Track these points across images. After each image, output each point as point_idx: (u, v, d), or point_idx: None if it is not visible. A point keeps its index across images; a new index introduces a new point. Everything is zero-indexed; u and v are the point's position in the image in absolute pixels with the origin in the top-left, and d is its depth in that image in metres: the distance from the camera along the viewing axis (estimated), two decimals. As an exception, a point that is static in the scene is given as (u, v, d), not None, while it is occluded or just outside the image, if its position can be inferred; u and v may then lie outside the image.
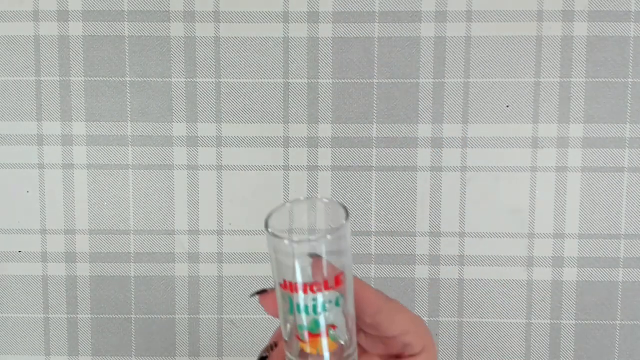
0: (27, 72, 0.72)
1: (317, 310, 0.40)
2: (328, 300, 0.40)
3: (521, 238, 0.72)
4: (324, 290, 0.39)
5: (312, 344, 0.41)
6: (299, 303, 0.40)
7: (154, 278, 0.74)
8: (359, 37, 0.71)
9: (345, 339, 0.41)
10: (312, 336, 0.40)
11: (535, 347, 0.73)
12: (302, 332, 0.41)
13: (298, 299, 0.40)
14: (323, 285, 0.39)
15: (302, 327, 0.40)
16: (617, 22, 0.69)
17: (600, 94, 0.70)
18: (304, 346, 0.41)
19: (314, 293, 0.39)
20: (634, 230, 0.72)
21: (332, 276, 0.40)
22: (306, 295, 0.39)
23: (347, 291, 0.41)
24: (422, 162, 0.72)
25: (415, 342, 0.44)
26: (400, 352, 0.45)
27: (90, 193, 0.73)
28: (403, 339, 0.44)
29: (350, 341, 0.42)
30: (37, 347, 0.75)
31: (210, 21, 0.71)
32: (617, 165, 0.71)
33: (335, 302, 0.40)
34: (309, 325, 0.40)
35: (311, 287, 0.39)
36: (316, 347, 0.41)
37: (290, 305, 0.40)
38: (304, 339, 0.41)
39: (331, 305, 0.40)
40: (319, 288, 0.39)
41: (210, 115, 0.72)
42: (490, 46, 0.70)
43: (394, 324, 0.43)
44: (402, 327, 0.43)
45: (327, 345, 0.40)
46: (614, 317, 0.73)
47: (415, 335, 0.44)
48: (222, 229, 0.73)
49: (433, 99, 0.71)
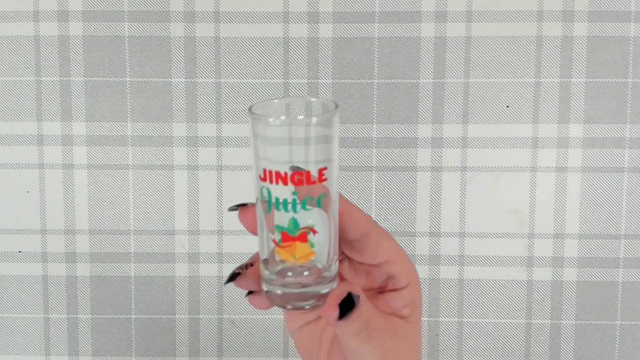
0: (27, 72, 0.72)
1: (296, 206, 0.37)
2: (309, 198, 0.37)
3: (521, 238, 0.72)
4: (306, 184, 0.37)
5: (288, 249, 0.38)
6: (277, 197, 0.37)
7: (154, 278, 0.74)
8: (359, 37, 0.71)
9: (324, 264, 0.39)
10: (288, 239, 0.38)
11: (535, 347, 0.73)
12: (278, 234, 0.38)
13: (278, 191, 0.37)
14: (305, 176, 0.37)
15: (279, 228, 0.38)
16: (617, 22, 0.69)
17: (600, 94, 0.70)
18: (280, 252, 0.38)
19: (295, 184, 0.37)
20: (634, 230, 0.72)
21: (315, 168, 0.37)
22: (286, 187, 0.37)
23: (331, 189, 0.38)
24: (422, 162, 0.72)
25: (400, 275, 0.41)
26: (383, 285, 0.43)
27: (90, 193, 0.73)
28: (388, 268, 0.41)
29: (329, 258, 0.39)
30: (37, 347, 0.75)
31: (210, 21, 0.71)
32: (617, 165, 0.71)
33: (317, 201, 0.37)
34: (287, 225, 0.38)
35: (292, 177, 0.36)
36: (292, 253, 0.38)
37: (269, 201, 0.37)
38: (279, 242, 0.38)
39: (312, 203, 0.37)
40: (301, 180, 0.36)
41: (210, 115, 0.72)
42: (490, 46, 0.70)
43: (380, 249, 0.41)
44: (388, 254, 0.41)
45: (304, 251, 0.38)
46: (614, 317, 0.73)
47: (400, 268, 0.42)
48: (222, 229, 0.73)
49: (433, 99, 0.71)
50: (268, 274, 0.39)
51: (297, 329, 0.45)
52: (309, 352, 0.44)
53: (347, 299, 0.38)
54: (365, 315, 0.39)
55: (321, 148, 0.37)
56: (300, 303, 0.39)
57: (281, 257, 0.38)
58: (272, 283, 0.39)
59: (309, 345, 0.44)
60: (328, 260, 0.39)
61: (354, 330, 0.39)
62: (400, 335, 0.41)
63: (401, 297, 0.42)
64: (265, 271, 0.40)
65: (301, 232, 0.38)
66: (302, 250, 0.38)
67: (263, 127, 0.37)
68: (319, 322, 0.44)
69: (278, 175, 0.37)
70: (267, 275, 0.40)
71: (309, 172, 0.37)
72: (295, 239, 0.38)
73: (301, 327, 0.44)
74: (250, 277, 0.41)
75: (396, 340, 0.41)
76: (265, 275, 0.40)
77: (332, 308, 0.38)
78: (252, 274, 0.41)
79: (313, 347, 0.44)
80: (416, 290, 0.43)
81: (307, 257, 0.38)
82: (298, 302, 0.39)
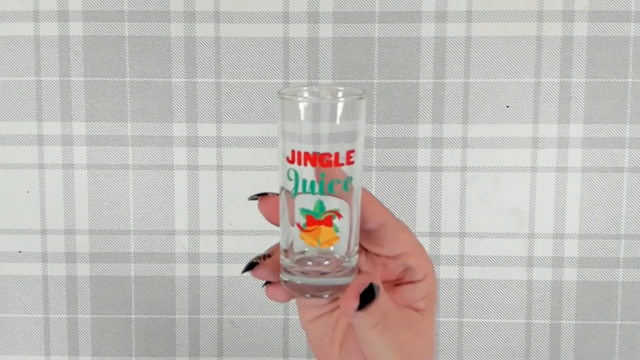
0: (27, 72, 0.72)
1: (323, 188, 0.37)
2: (336, 180, 0.37)
3: (521, 238, 0.72)
4: (334, 165, 0.37)
5: (313, 233, 0.38)
6: (305, 179, 0.37)
7: (154, 278, 0.74)
8: (359, 37, 0.71)
9: (343, 254, 0.39)
10: (313, 223, 0.38)
11: (535, 347, 0.73)
12: (303, 217, 0.38)
13: (306, 173, 0.37)
14: (334, 158, 0.37)
15: (305, 211, 0.38)
16: (617, 22, 0.69)
17: (600, 94, 0.70)
18: (304, 236, 0.38)
19: (323, 167, 0.37)
20: (634, 230, 0.72)
21: (344, 151, 0.37)
22: (315, 169, 0.37)
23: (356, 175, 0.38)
24: (422, 162, 0.72)
25: (417, 267, 0.41)
26: (400, 278, 0.42)
27: (90, 193, 0.73)
28: (405, 260, 0.41)
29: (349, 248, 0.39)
30: (37, 347, 0.75)
31: (210, 21, 0.71)
32: (617, 165, 0.71)
33: (344, 184, 0.37)
34: (313, 208, 0.37)
35: (320, 158, 0.36)
36: (317, 237, 0.38)
37: (296, 183, 0.37)
38: (304, 227, 0.38)
39: (339, 186, 0.37)
40: (329, 162, 0.36)
41: (210, 115, 0.72)
42: (490, 46, 0.70)
43: (398, 241, 0.41)
44: (405, 245, 0.41)
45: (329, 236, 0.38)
46: (614, 317, 0.73)
47: (417, 260, 0.41)
48: (222, 229, 0.73)
49: (433, 99, 0.71)
50: (288, 262, 0.39)
51: (310, 321, 0.44)
52: (320, 345, 0.44)
53: (368, 290, 0.38)
54: (383, 307, 0.39)
55: (347, 133, 0.37)
56: (319, 292, 0.39)
57: (305, 241, 0.38)
58: (292, 271, 0.39)
59: (322, 338, 0.44)
60: (348, 250, 0.39)
61: (372, 321, 0.38)
62: (415, 329, 0.41)
63: (417, 290, 0.42)
64: (286, 260, 0.40)
65: (327, 215, 0.38)
66: (327, 234, 0.38)
67: (291, 109, 0.37)
68: (332, 314, 0.44)
69: (307, 156, 0.37)
70: (287, 263, 0.40)
71: (338, 153, 0.37)
72: (321, 222, 0.38)
73: (314, 320, 0.44)
74: (268, 267, 0.40)
75: (411, 334, 0.41)
76: (285, 263, 0.40)
77: (352, 298, 0.37)
78: (270, 265, 0.40)
79: (325, 340, 0.44)
80: (432, 283, 0.42)
81: (331, 242, 0.38)
82: (317, 292, 0.39)
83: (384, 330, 0.39)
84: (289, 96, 0.37)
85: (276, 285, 0.41)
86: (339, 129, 0.37)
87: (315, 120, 0.37)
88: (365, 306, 0.37)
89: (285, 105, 0.38)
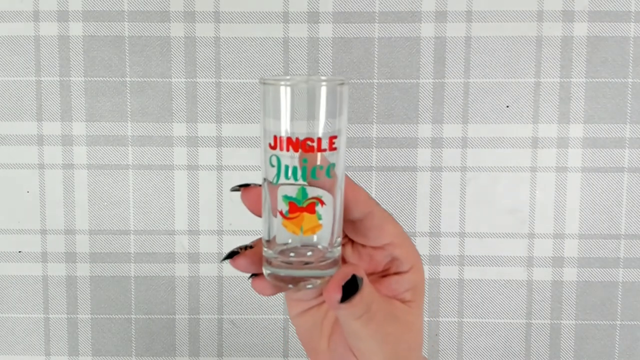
0: (27, 72, 0.72)
1: (305, 173, 0.36)
2: (319, 166, 0.37)
3: (521, 238, 0.72)
4: (316, 151, 0.36)
5: (295, 221, 0.37)
6: (287, 165, 0.37)
7: (154, 278, 0.74)
8: (359, 37, 0.71)
9: (326, 245, 0.38)
10: (296, 209, 0.37)
11: (535, 347, 0.73)
12: (285, 205, 0.37)
13: (288, 159, 0.36)
14: (317, 143, 0.36)
15: (287, 198, 0.37)
16: (617, 22, 0.69)
17: (600, 94, 0.70)
18: (287, 224, 0.37)
19: (305, 152, 0.36)
20: (634, 230, 0.72)
21: (327, 136, 0.37)
22: (296, 155, 0.36)
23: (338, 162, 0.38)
24: (422, 162, 0.72)
25: (403, 258, 0.41)
26: (386, 268, 0.42)
27: (90, 193, 0.73)
28: (391, 251, 0.41)
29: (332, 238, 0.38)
30: (37, 347, 0.75)
31: (210, 21, 0.71)
32: (617, 165, 0.71)
33: (327, 170, 0.37)
34: (295, 194, 0.37)
35: (303, 143, 0.36)
36: (299, 225, 0.37)
37: (278, 170, 0.37)
38: (286, 214, 0.37)
39: (322, 172, 0.37)
40: (312, 147, 0.36)
41: (210, 115, 0.72)
42: (490, 46, 0.70)
43: (384, 231, 0.41)
44: (391, 236, 0.41)
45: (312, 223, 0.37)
46: (614, 317, 0.73)
47: (404, 251, 0.41)
48: (222, 229, 0.73)
49: (433, 99, 0.71)
50: (271, 253, 0.39)
51: (298, 315, 0.44)
52: (309, 338, 0.44)
53: (350, 281, 0.37)
54: (368, 298, 0.38)
55: (330, 119, 0.37)
56: (302, 283, 0.39)
57: (288, 229, 0.38)
58: (274, 263, 0.39)
59: (310, 331, 0.44)
60: (331, 241, 0.39)
61: (356, 313, 0.38)
62: (401, 320, 0.41)
63: (404, 281, 0.42)
64: (269, 251, 0.39)
65: (309, 202, 0.37)
66: (310, 221, 0.38)
67: (274, 94, 0.37)
68: (320, 307, 0.44)
69: (289, 141, 0.36)
70: (269, 254, 0.39)
71: (320, 138, 0.36)
72: (303, 209, 0.37)
73: (302, 313, 0.44)
74: (248, 258, 0.40)
75: (397, 325, 0.41)
76: (267, 255, 0.39)
77: (335, 290, 0.37)
78: (250, 255, 0.40)
79: (314, 333, 0.44)
80: (419, 275, 0.42)
81: (314, 229, 0.38)
82: (299, 282, 0.39)
83: (368, 322, 0.39)
84: (271, 81, 0.37)
85: (262, 277, 0.40)
86: (321, 114, 0.37)
87: (297, 106, 0.37)
88: (348, 298, 0.37)
89: (267, 91, 0.37)
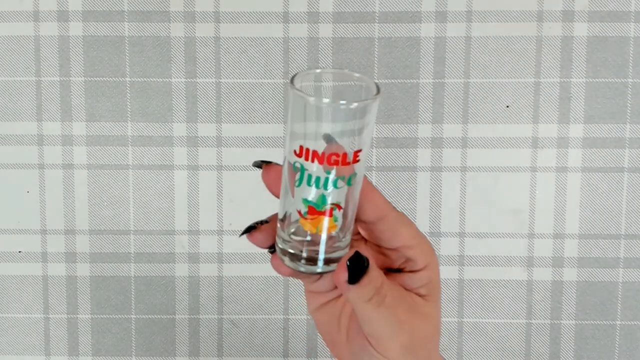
0: (27, 72, 0.72)
1: (327, 184, 0.37)
2: (341, 177, 0.37)
3: (521, 238, 0.72)
4: (341, 165, 0.37)
5: (313, 222, 0.39)
6: (311, 174, 0.37)
7: (154, 278, 0.74)
8: (359, 37, 0.71)
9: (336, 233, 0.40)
10: (314, 213, 0.38)
11: (535, 347, 0.73)
12: (304, 207, 0.38)
13: (312, 168, 0.37)
14: (342, 158, 0.37)
15: (307, 202, 0.38)
16: (617, 22, 0.69)
17: (600, 94, 0.70)
18: (304, 223, 0.39)
19: (330, 165, 0.37)
20: (634, 230, 0.72)
21: (352, 151, 0.37)
22: (321, 166, 0.37)
23: (360, 171, 0.38)
24: (422, 162, 0.72)
25: (418, 258, 0.41)
26: (401, 266, 0.43)
27: (90, 193, 0.73)
28: (405, 252, 0.41)
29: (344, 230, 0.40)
30: (37, 347, 0.75)
31: (210, 21, 0.71)
32: (617, 165, 0.71)
33: (348, 180, 0.38)
34: (315, 200, 0.38)
35: (329, 158, 0.37)
36: (316, 226, 0.39)
37: (301, 176, 0.38)
38: (305, 215, 0.38)
39: (343, 182, 0.38)
40: (337, 161, 0.37)
41: (210, 115, 0.72)
42: (490, 46, 0.70)
43: (398, 235, 0.41)
44: (405, 239, 0.41)
45: (328, 225, 0.39)
46: (614, 317, 0.73)
47: (418, 251, 0.41)
48: (222, 229, 0.73)
49: (433, 99, 0.71)
50: (283, 233, 0.40)
51: (316, 309, 0.45)
52: (328, 332, 0.45)
53: (356, 259, 0.38)
54: (376, 280, 0.39)
55: (357, 132, 0.38)
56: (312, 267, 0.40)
57: (305, 228, 0.39)
58: (287, 244, 0.40)
59: (329, 325, 0.45)
60: (343, 231, 0.40)
61: (366, 295, 0.39)
62: (417, 311, 0.41)
63: (418, 278, 0.42)
64: (281, 232, 0.40)
65: (328, 207, 0.38)
66: (326, 223, 0.39)
67: (303, 104, 0.37)
68: (338, 301, 0.44)
69: (315, 154, 0.37)
70: (282, 235, 0.40)
71: (346, 153, 0.37)
72: (322, 213, 0.38)
73: (320, 307, 0.45)
74: (265, 232, 0.41)
75: (413, 315, 0.41)
76: (280, 234, 0.40)
77: (342, 270, 0.38)
78: (267, 229, 0.41)
79: (332, 326, 0.44)
80: (434, 272, 0.42)
81: (329, 229, 0.39)
82: (309, 266, 0.40)
83: (379, 304, 0.39)
84: (300, 93, 0.37)
85: None
86: (348, 128, 0.37)
87: (324, 120, 0.37)
88: (357, 280, 0.38)
89: (295, 98, 0.37)
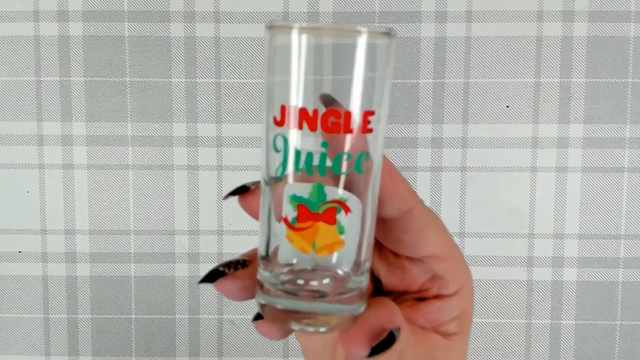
0: (27, 72, 0.72)
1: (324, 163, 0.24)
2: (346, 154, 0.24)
3: (521, 238, 0.72)
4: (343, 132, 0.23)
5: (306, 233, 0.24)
6: (298, 149, 0.24)
7: (154, 278, 0.74)
8: (359, 37, 0.71)
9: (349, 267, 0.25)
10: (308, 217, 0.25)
11: (535, 347, 0.73)
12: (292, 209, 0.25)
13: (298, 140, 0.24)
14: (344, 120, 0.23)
15: (296, 199, 0.25)
16: (617, 22, 0.69)
17: (600, 94, 0.70)
18: (292, 237, 0.25)
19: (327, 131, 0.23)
20: (634, 230, 0.72)
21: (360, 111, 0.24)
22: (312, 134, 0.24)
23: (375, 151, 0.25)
24: (422, 162, 0.72)
25: (449, 277, 0.30)
26: (425, 288, 0.31)
27: (90, 193, 0.73)
28: (433, 265, 0.30)
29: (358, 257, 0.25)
30: (37, 347, 0.75)
31: (210, 21, 0.71)
32: (617, 165, 0.71)
33: (357, 161, 0.24)
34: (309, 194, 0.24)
35: (324, 118, 0.23)
36: (311, 240, 0.25)
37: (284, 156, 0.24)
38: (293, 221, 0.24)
39: (349, 164, 0.24)
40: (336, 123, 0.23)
41: (210, 115, 0.72)
42: (490, 46, 0.70)
43: (424, 237, 0.29)
44: (434, 245, 0.29)
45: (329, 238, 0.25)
46: (614, 317, 0.73)
47: (450, 266, 0.30)
48: (222, 229, 0.73)
49: (433, 99, 0.71)
50: (269, 276, 0.27)
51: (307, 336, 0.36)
52: None
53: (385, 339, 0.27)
54: (401, 346, 0.28)
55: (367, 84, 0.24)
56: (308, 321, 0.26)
57: (294, 245, 0.26)
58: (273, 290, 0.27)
59: (319, 355, 0.35)
60: (357, 262, 0.26)
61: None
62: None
63: (449, 308, 0.31)
64: (265, 273, 0.27)
65: (328, 207, 0.25)
66: (327, 235, 0.25)
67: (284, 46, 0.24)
68: None
69: (303, 114, 0.23)
70: (266, 278, 0.27)
71: (349, 112, 0.24)
72: (319, 217, 0.25)
73: None
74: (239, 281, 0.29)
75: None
76: (263, 277, 0.27)
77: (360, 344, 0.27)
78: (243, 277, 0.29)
79: (324, 357, 0.35)
80: (468, 300, 0.31)
81: (332, 247, 0.25)
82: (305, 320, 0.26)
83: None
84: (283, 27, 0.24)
85: None
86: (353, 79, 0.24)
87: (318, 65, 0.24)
88: (378, 353, 0.27)
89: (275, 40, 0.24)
